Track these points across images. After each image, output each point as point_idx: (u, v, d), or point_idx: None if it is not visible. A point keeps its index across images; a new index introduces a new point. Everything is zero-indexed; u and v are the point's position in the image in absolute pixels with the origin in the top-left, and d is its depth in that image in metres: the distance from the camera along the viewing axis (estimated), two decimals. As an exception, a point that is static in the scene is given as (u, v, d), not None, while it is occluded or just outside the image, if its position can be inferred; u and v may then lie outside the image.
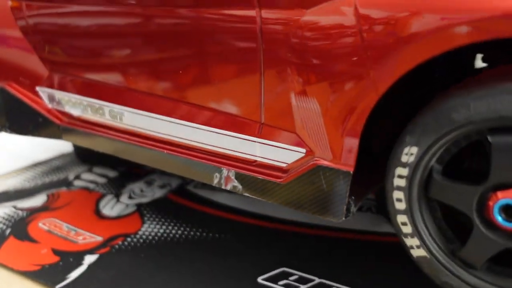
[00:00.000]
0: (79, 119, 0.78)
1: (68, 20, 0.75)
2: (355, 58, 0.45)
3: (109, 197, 0.89)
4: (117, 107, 0.71)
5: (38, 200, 0.89)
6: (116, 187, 0.91)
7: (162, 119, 0.69)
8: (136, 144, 0.71)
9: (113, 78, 0.73)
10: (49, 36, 0.78)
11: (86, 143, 0.79)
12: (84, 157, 1.00)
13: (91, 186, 0.91)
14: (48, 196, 0.91)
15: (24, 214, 0.84)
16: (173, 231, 0.78)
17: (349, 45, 0.45)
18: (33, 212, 0.84)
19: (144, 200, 0.86)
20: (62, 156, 1.07)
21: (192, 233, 0.76)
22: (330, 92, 0.49)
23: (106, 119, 0.74)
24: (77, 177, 0.96)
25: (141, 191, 0.90)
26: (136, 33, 0.69)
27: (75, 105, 0.77)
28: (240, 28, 0.54)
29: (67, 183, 0.96)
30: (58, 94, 0.80)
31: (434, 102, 0.46)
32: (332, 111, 0.50)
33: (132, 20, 0.65)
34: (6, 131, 0.83)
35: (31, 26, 0.79)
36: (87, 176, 0.97)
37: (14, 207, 0.87)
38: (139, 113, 0.70)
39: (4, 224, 0.81)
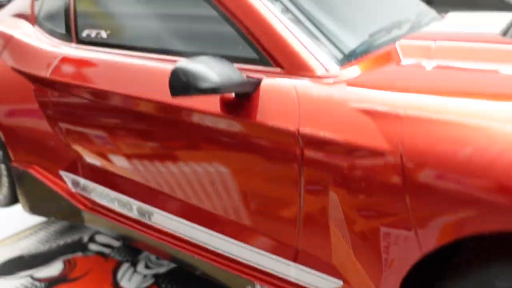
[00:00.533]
0: (104, 208, 0.77)
1: (94, 113, 0.73)
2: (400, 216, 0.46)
3: (125, 266, 0.89)
4: (146, 206, 0.70)
5: (55, 269, 0.88)
6: (131, 253, 0.91)
7: (197, 228, 0.67)
8: (166, 243, 0.69)
9: (143, 177, 0.71)
10: (74, 124, 0.76)
11: (111, 232, 0.78)
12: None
13: (107, 251, 0.92)
14: (64, 263, 0.91)
15: (43, 286, 0.83)
16: None
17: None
18: (51, 283, 0.84)
19: (162, 270, 0.86)
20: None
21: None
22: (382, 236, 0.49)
23: (134, 215, 0.73)
24: (91, 239, 0.96)
25: (157, 258, 0.91)
26: (176, 144, 0.66)
27: (101, 195, 0.76)
28: (281, 151, 0.54)
29: (82, 246, 0.99)
30: (83, 181, 0.79)
31: (474, 268, 0.45)
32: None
33: (168, 130, 0.63)
34: (29, 212, 0.84)
35: (55, 111, 0.77)
36: (101, 238, 0.97)
37: (31, 277, 0.86)
38: (171, 217, 0.68)
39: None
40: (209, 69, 0.52)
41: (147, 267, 0.93)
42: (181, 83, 0.52)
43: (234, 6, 0.59)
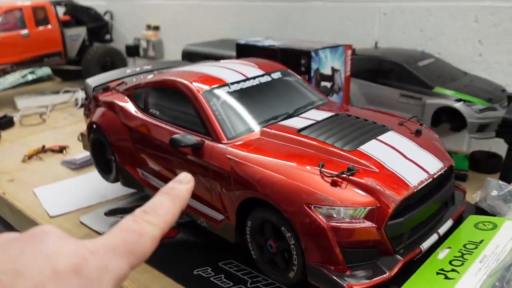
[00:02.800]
0: (153, 186, 1.46)
1: (147, 144, 1.36)
2: None
3: None
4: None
5: None
6: None
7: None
8: None
9: (166, 175, 1.35)
10: (141, 147, 1.40)
11: None
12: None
13: None
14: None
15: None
16: (194, 239, 1.48)
17: None
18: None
19: (182, 221, 1.50)
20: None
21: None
22: None
23: None
24: None
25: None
26: (176, 164, 1.27)
27: (151, 179, 1.56)
28: (206, 169, 1.15)
29: None
30: (145, 173, 1.44)
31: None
32: None
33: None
34: (124, 186, 1.69)
35: (135, 141, 1.38)
36: None
37: (121, 217, 1.45)
38: None
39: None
40: (185, 138, 1.29)
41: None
42: (174, 143, 1.29)
43: (198, 106, 1.14)
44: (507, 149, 1.54)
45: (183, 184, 0.40)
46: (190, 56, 2.53)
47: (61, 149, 2.04)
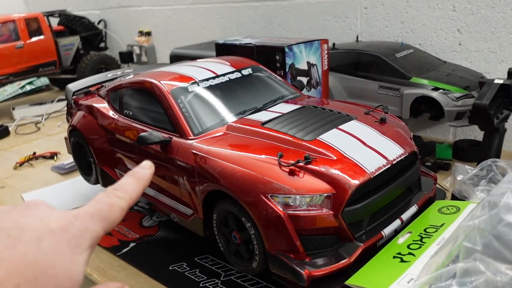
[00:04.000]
0: None
1: (122, 145, 1.39)
2: None
3: (148, 216, 1.51)
4: (148, 188, 1.57)
5: None
6: (152, 211, 1.52)
7: (165, 197, 1.30)
8: (157, 204, 1.43)
9: None
10: (117, 148, 1.43)
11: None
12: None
13: (141, 210, 1.64)
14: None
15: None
16: (173, 235, 1.52)
17: None
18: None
19: (163, 219, 1.59)
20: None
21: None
22: None
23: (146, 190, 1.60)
24: (136, 205, 1.77)
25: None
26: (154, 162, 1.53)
27: None
28: (175, 164, 1.29)
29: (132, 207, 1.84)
30: (122, 173, 1.69)
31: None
32: None
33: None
34: (103, 187, 1.74)
35: (111, 142, 1.43)
36: (141, 203, 1.85)
37: None
38: (156, 192, 1.45)
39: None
40: (151, 136, 1.32)
41: (157, 217, 1.48)
42: (141, 140, 1.32)
43: (166, 104, 1.17)
44: (483, 135, 1.55)
45: (145, 169, 0.50)
46: (178, 59, 2.56)
47: (52, 155, 2.10)
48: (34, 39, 3.15)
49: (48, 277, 0.35)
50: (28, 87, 3.81)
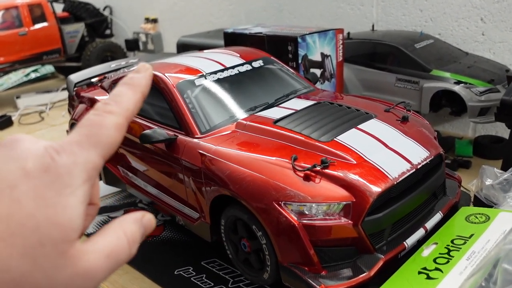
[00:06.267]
0: (134, 184, 1.49)
1: (128, 143, 1.36)
2: None
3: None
4: (150, 186, 1.47)
5: (119, 213, 1.46)
6: (156, 210, 1.47)
7: (169, 197, 1.24)
8: (160, 204, 1.41)
9: (147, 176, 1.38)
10: (123, 146, 1.41)
11: (137, 195, 1.55)
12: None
13: (146, 208, 1.60)
14: (124, 211, 1.50)
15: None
16: (179, 236, 1.43)
17: None
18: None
19: (168, 218, 1.57)
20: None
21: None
22: None
23: (147, 189, 1.48)
24: (140, 201, 1.62)
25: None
26: (156, 162, 1.28)
27: (132, 177, 1.50)
28: (179, 164, 1.22)
29: (135, 204, 1.54)
30: (126, 171, 1.46)
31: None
32: None
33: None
34: (105, 184, 1.63)
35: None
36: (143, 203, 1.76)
37: (108, 216, 1.55)
38: (159, 191, 1.32)
39: (98, 227, 1.40)
40: (155, 133, 1.24)
41: (162, 216, 1.46)
42: (144, 138, 1.25)
43: (171, 98, 1.11)
44: (510, 133, 1.44)
45: (141, 72, 0.39)
46: (185, 48, 2.47)
47: (53, 148, 2.01)
48: (37, 26, 3.07)
49: (28, 230, 0.29)
50: (33, 75, 3.74)
